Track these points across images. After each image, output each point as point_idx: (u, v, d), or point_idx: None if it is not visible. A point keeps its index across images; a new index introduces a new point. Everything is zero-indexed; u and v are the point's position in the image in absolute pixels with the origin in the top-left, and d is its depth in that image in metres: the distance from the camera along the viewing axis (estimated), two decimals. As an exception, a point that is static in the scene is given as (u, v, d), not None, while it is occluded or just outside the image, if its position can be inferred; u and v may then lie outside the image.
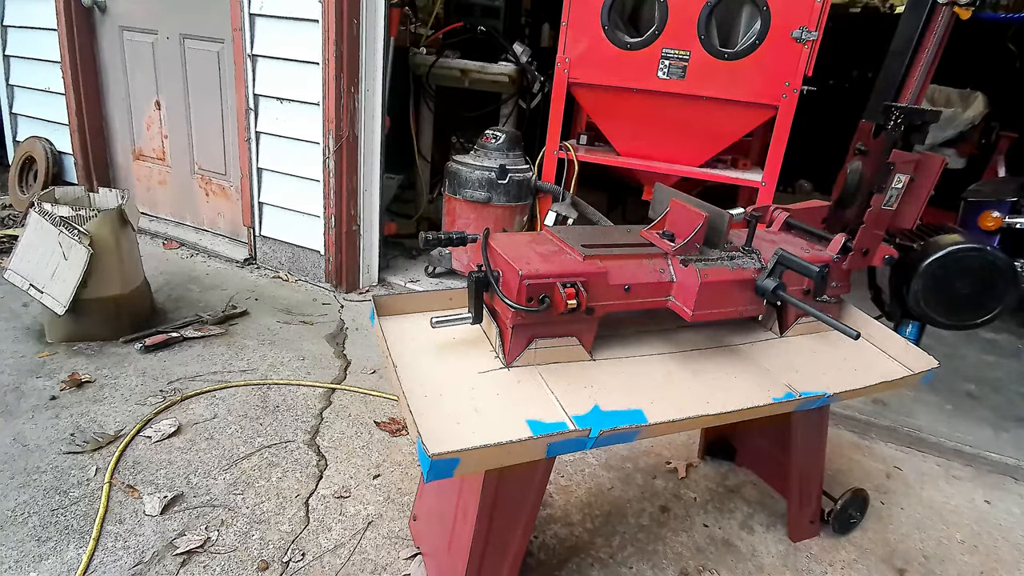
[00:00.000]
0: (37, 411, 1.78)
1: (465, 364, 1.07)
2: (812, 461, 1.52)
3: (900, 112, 1.32)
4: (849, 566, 1.54)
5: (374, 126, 2.70)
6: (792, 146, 2.45)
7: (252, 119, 2.75)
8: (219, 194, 3.15)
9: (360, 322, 2.55)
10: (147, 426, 1.76)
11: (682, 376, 1.13)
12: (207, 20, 2.82)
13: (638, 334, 1.24)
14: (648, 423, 0.97)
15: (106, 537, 1.39)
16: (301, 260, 2.92)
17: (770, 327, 1.35)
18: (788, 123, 2.39)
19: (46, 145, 3.42)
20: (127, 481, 1.56)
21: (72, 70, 3.14)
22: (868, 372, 1.25)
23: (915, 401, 2.29)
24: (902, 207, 1.34)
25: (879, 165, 1.33)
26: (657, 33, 2.42)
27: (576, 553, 1.49)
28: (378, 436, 1.84)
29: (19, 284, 2.13)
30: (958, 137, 3.91)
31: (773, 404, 1.09)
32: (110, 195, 2.27)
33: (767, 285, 1.08)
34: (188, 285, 2.72)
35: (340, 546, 1.44)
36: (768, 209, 1.49)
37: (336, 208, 2.70)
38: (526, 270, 1.00)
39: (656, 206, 1.28)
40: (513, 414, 0.96)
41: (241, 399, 1.94)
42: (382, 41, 2.60)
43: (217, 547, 1.40)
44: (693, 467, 1.84)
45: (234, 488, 1.58)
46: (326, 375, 2.13)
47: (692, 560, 1.51)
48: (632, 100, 2.57)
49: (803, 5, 2.25)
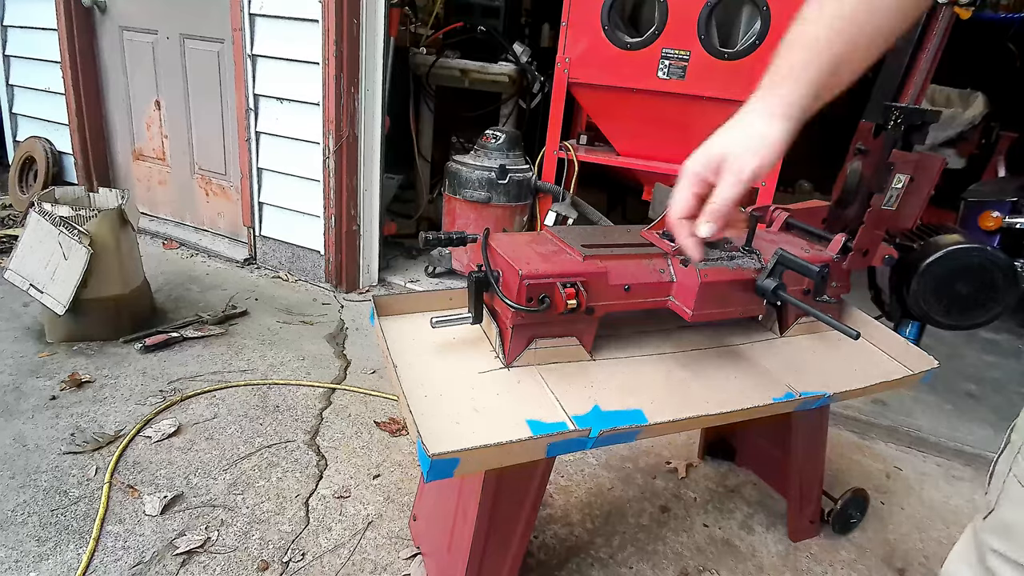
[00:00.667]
0: (37, 411, 1.78)
1: (465, 364, 1.07)
2: (812, 461, 1.52)
3: (900, 112, 1.32)
4: (849, 566, 1.54)
5: (374, 126, 2.70)
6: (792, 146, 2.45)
7: (252, 119, 2.75)
8: (219, 194, 3.15)
9: (360, 322, 2.55)
10: (147, 426, 1.76)
11: (682, 376, 1.13)
12: (207, 20, 2.82)
13: (638, 334, 1.24)
14: (648, 423, 0.97)
15: (106, 537, 1.39)
16: (301, 260, 2.92)
17: (770, 327, 1.35)
18: (788, 123, 2.39)
19: (46, 145, 3.42)
20: (127, 481, 1.56)
21: (72, 70, 3.14)
22: (868, 372, 1.24)
23: (915, 401, 2.29)
24: (902, 207, 1.33)
25: (879, 165, 1.33)
26: (657, 33, 2.42)
27: (576, 553, 1.49)
28: (378, 436, 1.84)
29: (19, 284, 2.13)
30: (958, 137, 3.90)
31: (773, 404, 1.09)
32: (110, 195, 2.27)
33: (767, 285, 1.08)
34: (188, 285, 2.72)
35: (340, 546, 1.44)
36: (768, 209, 1.49)
37: (336, 208, 2.70)
38: (526, 270, 1.00)
39: (656, 206, 1.28)
40: (513, 414, 0.95)
41: (241, 399, 1.94)
42: (382, 41, 2.60)
43: (217, 547, 1.40)
44: (693, 467, 1.84)
45: (234, 488, 1.58)
46: (326, 375, 2.13)
47: (692, 560, 1.51)
48: (632, 100, 2.57)
49: (803, 5, 2.25)
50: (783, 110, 0.66)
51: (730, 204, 0.67)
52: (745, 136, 0.65)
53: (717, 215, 0.69)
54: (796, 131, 0.66)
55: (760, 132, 0.65)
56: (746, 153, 0.65)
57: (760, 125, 0.66)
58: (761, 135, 0.65)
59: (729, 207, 0.67)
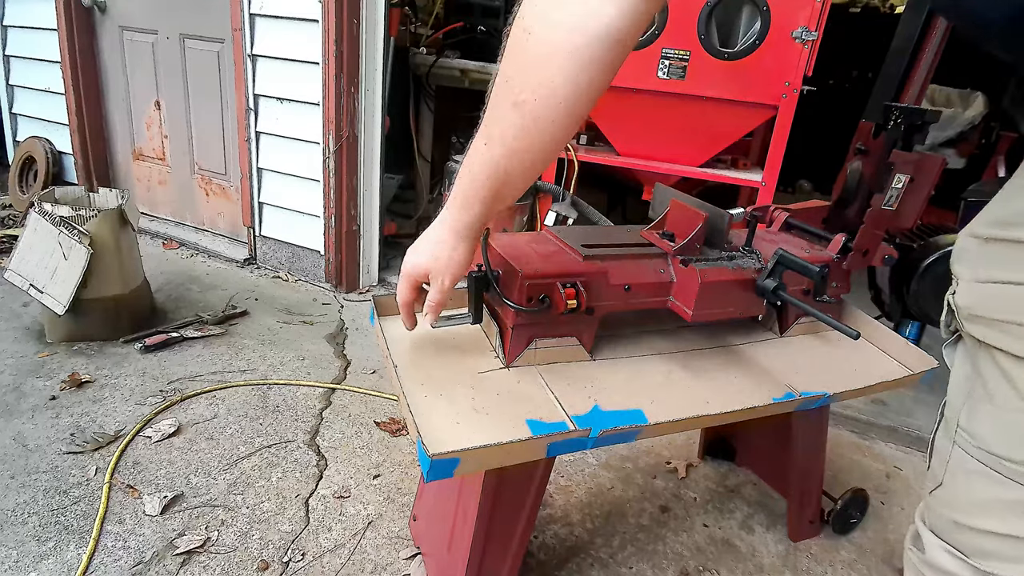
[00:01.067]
0: (37, 411, 1.78)
1: (465, 364, 1.07)
2: (812, 461, 1.52)
3: (900, 112, 1.32)
4: (849, 566, 1.54)
5: (374, 126, 2.70)
6: (792, 146, 2.45)
7: (252, 119, 2.75)
8: (219, 194, 3.15)
9: (360, 322, 2.55)
10: (147, 426, 1.76)
11: (682, 376, 1.13)
12: (207, 20, 2.82)
13: (638, 334, 1.24)
14: (648, 423, 0.97)
15: (106, 537, 1.39)
16: (301, 260, 2.92)
17: (770, 327, 1.35)
18: (788, 123, 2.39)
19: (46, 145, 3.41)
20: (127, 481, 1.56)
21: (72, 70, 3.14)
22: (868, 372, 1.25)
23: (915, 401, 2.29)
24: (902, 207, 1.34)
25: (879, 165, 1.33)
26: (657, 33, 2.42)
27: (576, 553, 1.49)
28: (378, 436, 1.84)
29: (19, 284, 2.13)
30: (958, 137, 3.91)
31: (773, 404, 1.09)
32: (110, 195, 2.27)
33: (767, 285, 1.08)
34: (188, 285, 2.72)
35: (340, 546, 1.44)
36: (768, 209, 1.49)
37: (336, 208, 2.70)
38: (526, 270, 1.00)
39: (656, 206, 1.28)
40: (513, 414, 0.95)
41: (241, 399, 1.94)
42: (382, 41, 2.60)
43: (217, 547, 1.40)
44: (693, 467, 1.84)
45: (234, 488, 1.58)
46: (326, 375, 2.13)
47: (692, 560, 1.51)
48: (632, 100, 2.57)
49: (803, 5, 2.25)
50: (467, 232, 0.89)
51: (440, 304, 0.95)
52: (445, 258, 0.90)
53: (433, 310, 0.96)
54: (475, 246, 0.92)
55: (449, 255, 0.90)
56: (445, 272, 0.91)
57: (449, 248, 0.90)
58: (450, 258, 0.90)
59: (439, 306, 0.95)
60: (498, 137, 0.78)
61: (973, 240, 0.61)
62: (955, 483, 0.64)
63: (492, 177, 0.81)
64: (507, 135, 0.77)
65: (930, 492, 0.68)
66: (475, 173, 0.82)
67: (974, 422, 0.60)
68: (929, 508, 0.68)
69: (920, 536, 0.69)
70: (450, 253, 0.90)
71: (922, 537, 0.68)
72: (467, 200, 0.85)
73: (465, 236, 0.89)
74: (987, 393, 0.59)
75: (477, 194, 0.84)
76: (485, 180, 0.82)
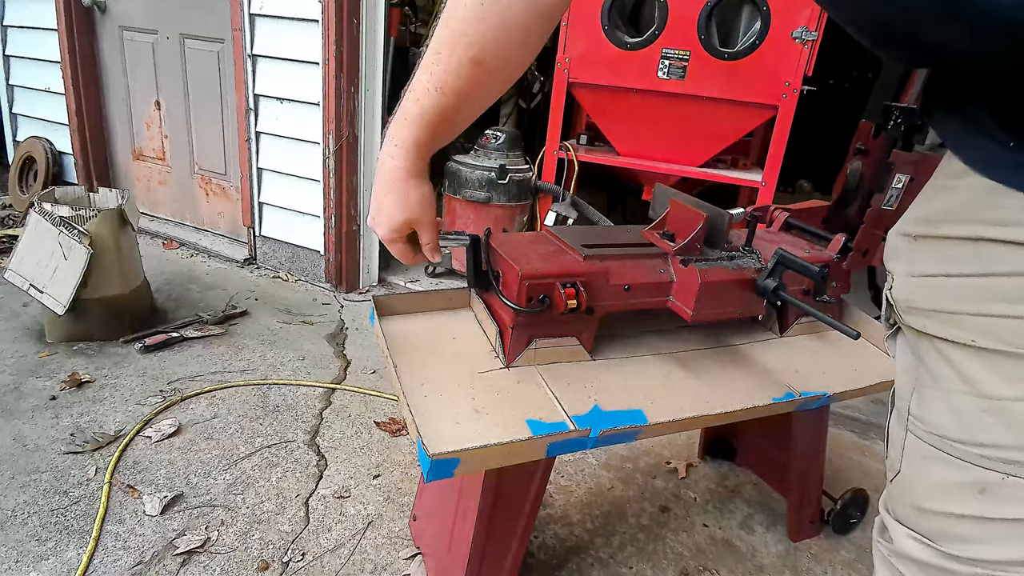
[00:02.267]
0: (37, 411, 1.78)
1: (465, 364, 1.07)
2: (812, 461, 1.52)
3: (900, 112, 1.32)
4: (849, 566, 1.54)
5: (374, 126, 2.70)
6: (792, 146, 2.45)
7: (252, 119, 2.76)
8: (219, 194, 3.15)
9: (360, 322, 2.55)
10: (147, 426, 1.77)
11: (682, 376, 1.13)
12: (207, 20, 2.82)
13: (638, 334, 1.24)
14: (648, 423, 0.97)
15: (106, 537, 1.39)
16: (301, 260, 2.92)
17: (770, 327, 1.35)
18: (788, 123, 2.39)
19: (46, 145, 3.42)
20: (127, 481, 1.56)
21: (72, 70, 3.14)
22: (868, 372, 1.25)
23: (915, 401, 2.29)
24: (902, 207, 1.33)
25: (879, 165, 1.33)
26: (657, 33, 2.42)
27: (576, 553, 1.49)
28: (378, 436, 1.84)
29: (19, 284, 2.13)
30: (958, 137, 3.90)
31: (773, 404, 1.09)
32: (110, 195, 2.27)
33: (767, 285, 1.08)
34: (188, 285, 2.72)
35: (340, 546, 1.44)
36: (768, 209, 1.49)
37: (336, 208, 2.70)
38: (526, 270, 1.00)
39: (656, 206, 1.28)
40: (513, 414, 0.95)
41: (241, 399, 1.94)
42: (382, 41, 2.61)
43: (217, 547, 1.40)
44: (693, 467, 1.84)
45: (234, 488, 1.58)
46: (326, 375, 2.13)
47: (692, 560, 1.51)
48: (632, 100, 2.57)
49: (803, 5, 2.25)
50: (420, 167, 0.90)
51: (436, 239, 0.96)
52: (418, 202, 0.91)
53: (434, 248, 0.97)
54: (426, 167, 0.93)
55: (421, 195, 0.91)
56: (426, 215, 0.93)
57: (417, 190, 0.91)
58: (422, 196, 0.91)
59: (436, 241, 0.96)
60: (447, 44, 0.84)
61: (903, 238, 0.63)
62: (912, 469, 0.64)
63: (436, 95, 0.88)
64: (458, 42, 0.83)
65: (890, 480, 0.68)
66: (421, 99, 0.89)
67: (923, 408, 0.62)
68: (891, 496, 0.69)
69: (886, 527, 0.69)
70: (420, 194, 0.92)
71: (888, 527, 0.68)
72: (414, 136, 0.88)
73: (423, 172, 0.92)
74: (932, 379, 0.60)
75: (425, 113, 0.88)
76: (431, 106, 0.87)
